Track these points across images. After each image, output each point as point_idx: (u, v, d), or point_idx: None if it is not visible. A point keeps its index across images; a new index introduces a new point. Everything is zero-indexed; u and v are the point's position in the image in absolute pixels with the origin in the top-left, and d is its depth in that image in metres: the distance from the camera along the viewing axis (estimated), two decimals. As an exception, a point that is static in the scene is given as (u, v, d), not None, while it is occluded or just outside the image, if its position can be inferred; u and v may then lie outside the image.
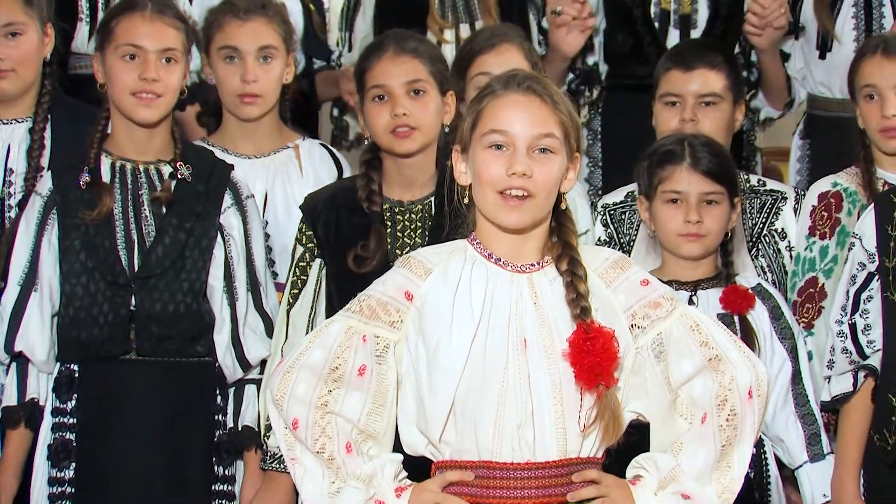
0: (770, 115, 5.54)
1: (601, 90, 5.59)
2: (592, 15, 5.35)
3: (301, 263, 4.33)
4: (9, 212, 4.54)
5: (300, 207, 4.41)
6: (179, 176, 4.32)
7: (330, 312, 4.08)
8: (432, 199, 4.30)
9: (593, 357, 3.24)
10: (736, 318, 4.28)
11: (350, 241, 4.22)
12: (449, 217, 3.72)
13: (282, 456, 3.91)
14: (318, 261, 4.30)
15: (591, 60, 5.54)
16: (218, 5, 4.84)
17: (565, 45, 5.32)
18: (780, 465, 4.40)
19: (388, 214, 4.30)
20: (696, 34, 5.39)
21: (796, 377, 4.35)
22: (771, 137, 5.92)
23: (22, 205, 4.38)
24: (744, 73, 5.43)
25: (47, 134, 4.59)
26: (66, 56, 4.94)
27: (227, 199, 4.34)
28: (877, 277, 4.21)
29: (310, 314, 4.31)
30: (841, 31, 5.41)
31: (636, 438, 3.44)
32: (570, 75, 5.54)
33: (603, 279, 3.39)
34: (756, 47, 5.35)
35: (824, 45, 5.45)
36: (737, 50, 5.50)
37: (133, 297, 4.20)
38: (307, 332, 4.16)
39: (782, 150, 5.76)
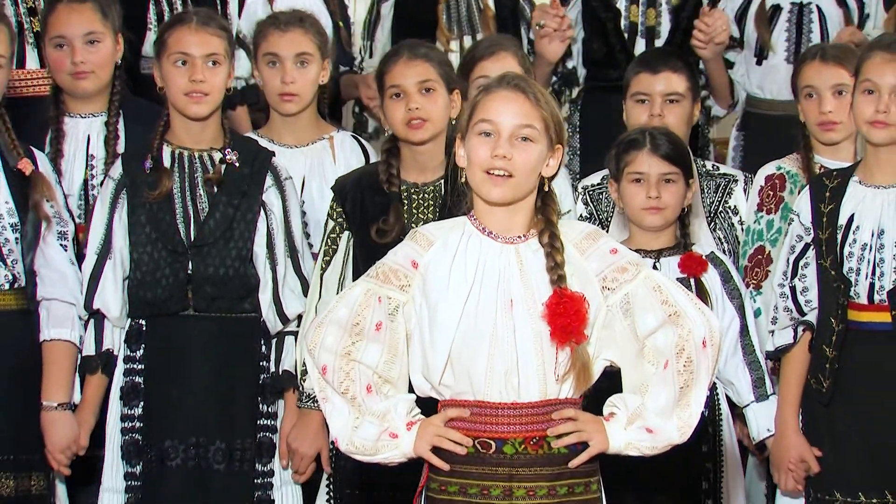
0: (717, 113, 5.81)
1: (580, 90, 5.81)
2: (571, 27, 5.53)
3: (332, 235, 4.56)
4: (92, 191, 4.79)
5: (331, 188, 4.63)
6: (228, 161, 4.56)
7: (356, 276, 4.27)
8: (442, 181, 4.52)
9: (565, 318, 3.42)
10: (692, 281, 4.52)
11: (373, 217, 4.47)
12: (452, 196, 4.04)
13: (315, 396, 4.17)
14: (346, 233, 4.54)
15: (570, 65, 5.75)
16: (264, 19, 5.11)
17: (548, 52, 5.52)
18: (731, 404, 4.64)
19: (405, 194, 4.52)
20: (659, 43, 5.64)
21: (744, 330, 4.58)
22: (720, 130, 6.11)
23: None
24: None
25: (120, 126, 4.83)
26: (135, 61, 5.15)
27: (269, 181, 4.59)
28: (812, 247, 4.46)
29: (339, 277, 4.54)
30: (776, 43, 5.73)
31: (607, 384, 3.62)
32: (554, 77, 5.74)
33: (578, 248, 3.55)
34: (702, 58, 5.54)
35: (761, 54, 5.74)
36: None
37: (190, 263, 4.48)
38: (337, 293, 4.38)
39: (727, 141, 6.01)
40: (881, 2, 5.80)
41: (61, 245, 4.49)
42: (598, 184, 4.95)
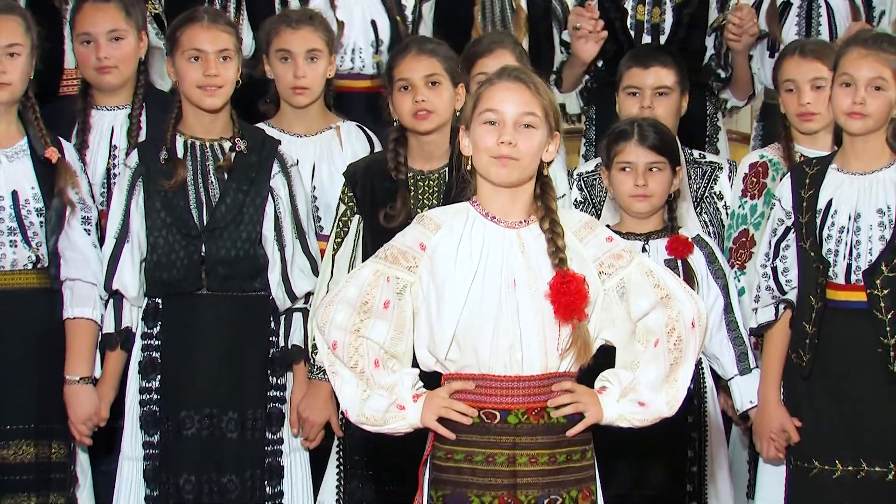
0: (736, 104, 5.85)
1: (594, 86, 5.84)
2: (605, 28, 5.58)
3: (343, 218, 4.65)
4: (113, 179, 4.84)
5: (343, 174, 4.71)
6: (237, 150, 4.63)
7: (365, 257, 4.36)
8: (446, 169, 4.60)
9: (569, 297, 3.50)
10: (679, 262, 4.59)
11: (381, 202, 4.56)
12: (456, 183, 4.00)
13: (325, 368, 4.22)
14: (356, 216, 4.63)
15: (600, 63, 5.76)
16: (275, 16, 5.23)
17: (584, 52, 5.58)
18: (716, 377, 4.72)
19: (411, 181, 4.61)
20: (663, 39, 5.70)
21: (727, 308, 4.65)
22: (732, 122, 6.10)
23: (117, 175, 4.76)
24: (719, 71, 5.78)
25: (143, 118, 4.90)
26: None
27: (276, 167, 4.65)
28: (793, 230, 4.52)
29: (349, 257, 4.61)
30: (787, 36, 5.75)
31: (602, 361, 3.69)
32: (587, 76, 5.79)
33: (577, 236, 3.63)
34: (732, 50, 5.64)
35: (773, 47, 5.74)
36: (710, 52, 5.79)
37: (203, 245, 4.55)
38: (348, 272, 4.46)
39: (738, 132, 5.99)
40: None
41: (85, 230, 4.56)
42: (592, 171, 5.04)
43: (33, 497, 4.50)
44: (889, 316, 4.37)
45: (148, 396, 4.60)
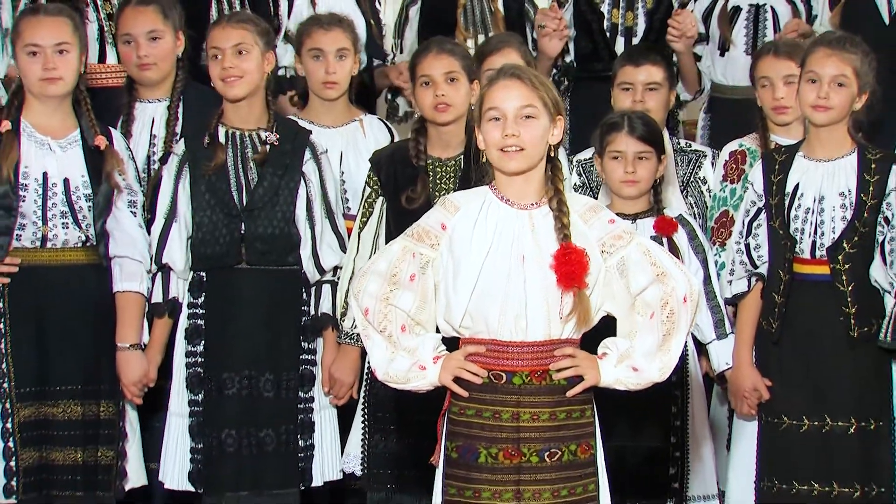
0: (685, 98, 5.96)
1: (571, 80, 5.98)
2: (567, 27, 5.78)
3: (369, 200, 4.77)
4: (153, 165, 5.00)
5: (369, 160, 4.82)
6: (269, 141, 4.73)
7: (388, 235, 4.57)
8: (462, 157, 4.71)
9: (570, 267, 3.59)
10: (665, 240, 4.66)
11: (403, 186, 4.68)
12: (475, 172, 4.26)
13: (353, 333, 4.65)
14: (380, 199, 4.75)
15: (567, 59, 5.97)
16: (307, 19, 5.36)
17: (548, 48, 5.75)
18: (697, 342, 4.82)
19: (430, 167, 4.72)
20: (635, 41, 5.85)
21: (706, 280, 4.75)
22: (689, 113, 6.26)
23: (163, 160, 4.81)
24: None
25: (180, 110, 5.04)
26: (196, 55, 5.21)
27: (307, 154, 4.75)
28: (764, 211, 4.64)
29: (374, 236, 4.74)
30: (736, 38, 5.91)
31: (605, 330, 3.79)
32: (554, 70, 5.91)
33: (582, 218, 3.71)
34: (675, 51, 5.73)
35: (723, 47, 5.93)
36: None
37: (243, 224, 4.68)
38: (372, 249, 4.67)
39: (694, 122, 6.11)
40: (826, 3, 5.95)
41: (131, 212, 4.68)
42: (589, 158, 5.08)
43: (80, 450, 4.58)
44: (850, 287, 4.53)
45: (193, 359, 4.71)
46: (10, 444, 4.50)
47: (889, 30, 5.59)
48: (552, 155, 3.73)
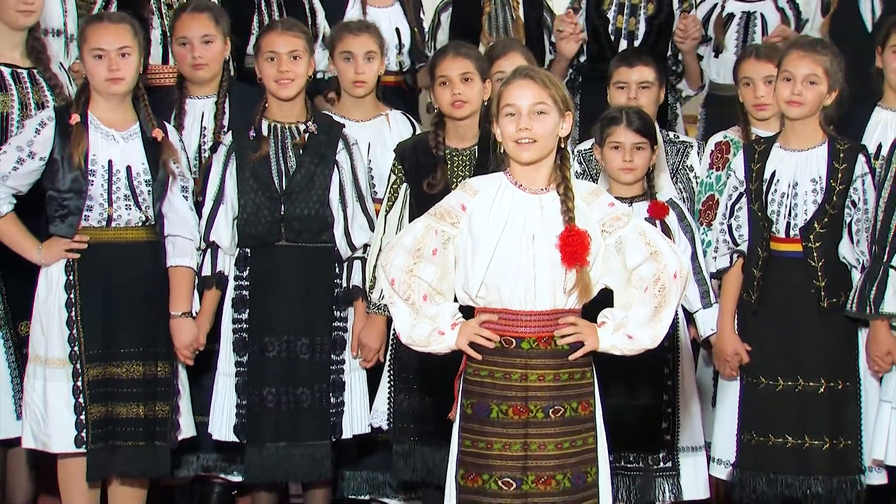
0: (689, 93, 6.15)
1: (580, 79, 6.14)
2: (582, 31, 5.98)
3: (394, 186, 4.90)
4: (204, 154, 5.16)
5: (394, 150, 4.93)
6: (308, 130, 4.90)
7: (411, 217, 4.64)
8: (476, 147, 4.82)
9: (573, 247, 3.70)
10: (658, 222, 4.75)
11: (425, 173, 4.81)
12: (492, 161, 4.30)
13: (380, 304, 4.77)
14: (404, 185, 4.87)
15: (582, 59, 6.15)
16: (339, 25, 5.47)
17: (565, 50, 5.98)
18: (685, 311, 4.91)
19: (448, 156, 4.83)
20: (636, 44, 6.00)
21: (694, 256, 4.84)
22: (689, 107, 6.38)
23: (213, 150, 4.97)
24: (674, 67, 6.07)
25: (226, 105, 5.19)
26: (241, 58, 5.53)
27: (340, 145, 4.91)
28: (744, 195, 4.75)
29: (398, 217, 4.86)
30: (728, 42, 6.11)
31: (601, 297, 3.89)
32: (570, 70, 6.11)
33: (585, 201, 3.83)
34: (681, 50, 5.96)
35: (717, 50, 6.13)
36: (669, 52, 6.06)
37: (282, 206, 4.83)
38: (396, 229, 4.74)
39: (695, 116, 6.27)
40: (818, 10, 6.08)
41: (183, 196, 4.82)
42: (589, 149, 5.19)
43: (141, 405, 4.72)
44: (820, 263, 4.64)
45: (239, 326, 4.87)
46: (81, 400, 4.66)
47: (871, 37, 5.60)
48: (562, 146, 3.84)
